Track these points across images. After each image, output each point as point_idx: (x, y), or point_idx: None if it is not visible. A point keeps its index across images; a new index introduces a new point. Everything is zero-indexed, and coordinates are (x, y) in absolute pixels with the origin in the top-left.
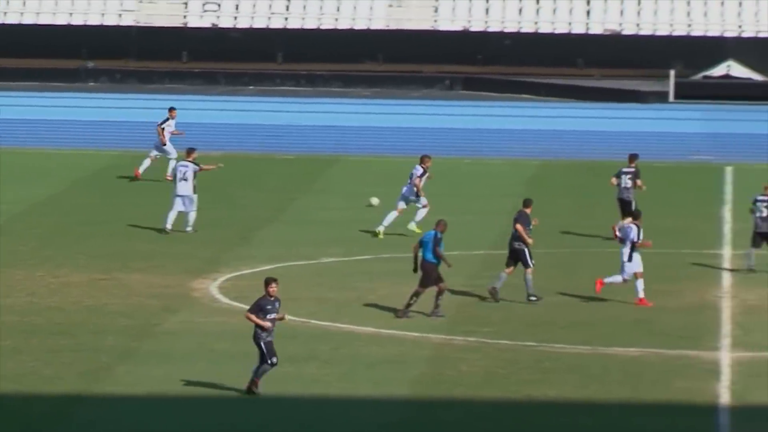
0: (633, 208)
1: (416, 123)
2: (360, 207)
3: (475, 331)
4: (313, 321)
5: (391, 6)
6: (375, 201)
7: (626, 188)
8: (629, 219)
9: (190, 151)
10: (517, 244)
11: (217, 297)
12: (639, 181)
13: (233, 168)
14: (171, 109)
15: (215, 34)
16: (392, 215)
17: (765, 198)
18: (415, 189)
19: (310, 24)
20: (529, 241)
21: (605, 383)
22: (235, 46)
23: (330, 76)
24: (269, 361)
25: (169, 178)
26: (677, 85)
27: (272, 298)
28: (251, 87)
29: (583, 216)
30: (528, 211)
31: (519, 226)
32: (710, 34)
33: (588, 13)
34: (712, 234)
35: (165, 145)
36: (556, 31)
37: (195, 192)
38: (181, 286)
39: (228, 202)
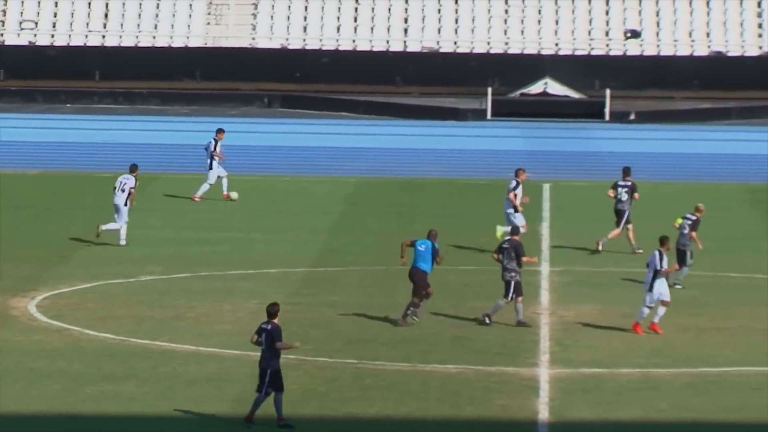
0: (626, 218)
1: (234, 141)
2: (178, 225)
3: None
4: (132, 339)
5: (209, 24)
6: (234, 195)
7: (621, 201)
8: (619, 231)
9: (133, 167)
10: (507, 275)
11: (35, 315)
12: (636, 195)
13: (51, 186)
14: (219, 131)
15: (32, 52)
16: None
17: (692, 217)
18: (511, 205)
19: (128, 42)
20: (534, 259)
21: (425, 400)
22: (53, 63)
23: (148, 94)
24: (267, 391)
25: (197, 198)
26: (495, 102)
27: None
28: (69, 105)
29: (401, 234)
30: (518, 238)
31: (525, 259)
32: (527, 51)
33: (406, 31)
34: (531, 251)
35: (212, 167)
36: (374, 49)
37: (126, 205)
38: None
39: (46, 220)
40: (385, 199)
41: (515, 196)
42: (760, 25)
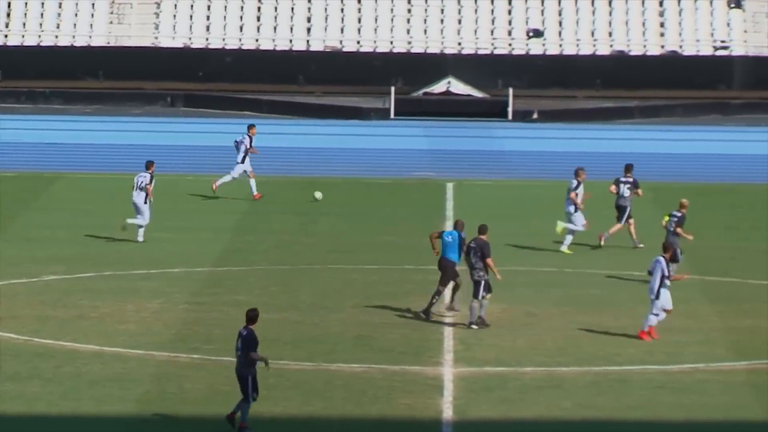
0: (627, 213)
1: (137, 140)
2: (81, 224)
3: (198, 348)
4: (35, 339)
5: (111, 23)
6: (319, 195)
7: (623, 196)
8: (620, 226)
9: (149, 163)
10: (476, 275)
11: None
12: (640, 191)
13: None
14: (251, 126)
15: None
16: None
17: (677, 214)
18: (572, 204)
19: (30, 41)
20: (498, 276)
21: (329, 399)
22: None
23: (50, 94)
24: (253, 397)
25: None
26: (398, 101)
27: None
28: None
29: (305, 233)
30: (485, 237)
31: (490, 261)
32: (430, 51)
33: (308, 30)
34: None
35: (243, 162)
36: (277, 48)
37: (146, 203)
38: None
39: None
40: (289, 199)
41: (576, 195)
42: (662, 24)
